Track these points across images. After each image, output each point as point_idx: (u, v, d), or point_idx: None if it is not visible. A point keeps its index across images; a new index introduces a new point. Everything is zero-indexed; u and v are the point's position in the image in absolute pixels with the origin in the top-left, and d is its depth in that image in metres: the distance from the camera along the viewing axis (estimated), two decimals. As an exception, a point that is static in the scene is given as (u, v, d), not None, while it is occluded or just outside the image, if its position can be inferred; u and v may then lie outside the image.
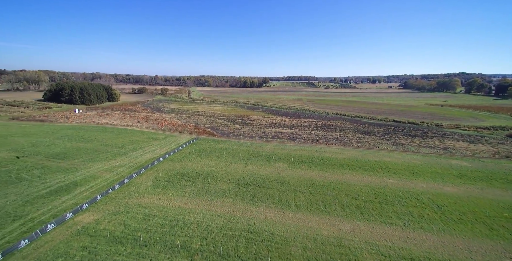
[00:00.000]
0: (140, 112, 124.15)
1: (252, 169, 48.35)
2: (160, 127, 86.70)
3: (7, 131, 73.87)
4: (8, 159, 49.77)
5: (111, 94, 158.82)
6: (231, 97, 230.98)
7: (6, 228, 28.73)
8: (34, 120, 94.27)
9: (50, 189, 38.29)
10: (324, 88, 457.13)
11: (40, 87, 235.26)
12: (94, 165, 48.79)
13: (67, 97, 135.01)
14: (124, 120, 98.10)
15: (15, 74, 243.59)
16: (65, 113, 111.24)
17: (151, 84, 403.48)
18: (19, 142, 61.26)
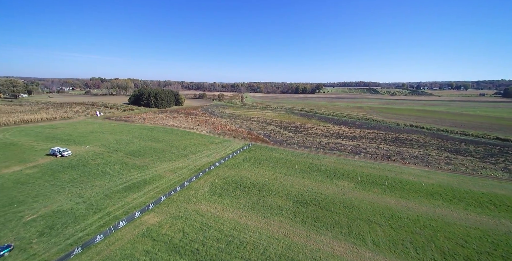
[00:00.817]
0: (200, 116, 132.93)
1: (310, 184, 42.87)
2: (217, 131, 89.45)
3: (101, 128, 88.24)
4: (99, 153, 57.97)
5: (178, 99, 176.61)
6: (282, 103, 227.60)
7: (88, 219, 31.55)
8: (120, 120, 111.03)
9: (125, 185, 41.69)
10: (389, 95, 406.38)
11: (127, 92, 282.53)
12: (161, 164, 52.01)
13: (145, 101, 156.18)
14: (186, 123, 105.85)
15: (110, 82, 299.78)
16: (142, 115, 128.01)
17: (209, 90, 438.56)
18: (108, 139, 71.68)
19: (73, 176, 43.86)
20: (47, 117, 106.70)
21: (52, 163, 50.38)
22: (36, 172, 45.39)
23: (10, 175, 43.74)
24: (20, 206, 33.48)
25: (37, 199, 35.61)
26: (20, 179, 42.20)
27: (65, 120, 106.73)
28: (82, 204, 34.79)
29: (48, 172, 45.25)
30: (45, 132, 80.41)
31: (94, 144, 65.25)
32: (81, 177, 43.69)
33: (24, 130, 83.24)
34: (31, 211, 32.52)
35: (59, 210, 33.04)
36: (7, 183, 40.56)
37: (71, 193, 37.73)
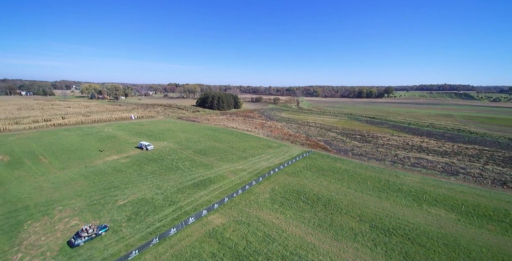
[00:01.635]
0: (256, 119, 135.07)
1: (390, 208, 35.51)
2: (274, 135, 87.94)
3: (175, 127, 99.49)
4: (173, 149, 64.49)
5: (237, 102, 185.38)
6: (343, 108, 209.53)
7: (165, 211, 34.06)
8: (190, 120, 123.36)
9: (194, 181, 44.12)
10: (490, 101, 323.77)
11: (195, 95, 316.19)
12: (223, 165, 53.53)
13: (209, 103, 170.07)
14: (244, 125, 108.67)
15: (183, 87, 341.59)
16: (207, 116, 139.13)
17: (265, 94, 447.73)
18: (180, 137, 79.74)
19: (154, 168, 49.44)
20: (137, 115, 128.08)
21: (139, 155, 58.53)
22: (128, 162, 53.37)
23: (111, 162, 52.70)
24: (116, 191, 39.20)
25: (127, 186, 41.15)
26: (117, 166, 50.21)
27: (149, 118, 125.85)
28: (160, 195, 38.16)
29: (136, 163, 52.52)
30: (135, 128, 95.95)
31: (170, 141, 73.33)
32: (160, 170, 48.79)
33: (121, 125, 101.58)
34: (123, 196, 37.55)
35: (143, 198, 37.04)
36: (108, 169, 48.75)
37: (152, 184, 42.17)
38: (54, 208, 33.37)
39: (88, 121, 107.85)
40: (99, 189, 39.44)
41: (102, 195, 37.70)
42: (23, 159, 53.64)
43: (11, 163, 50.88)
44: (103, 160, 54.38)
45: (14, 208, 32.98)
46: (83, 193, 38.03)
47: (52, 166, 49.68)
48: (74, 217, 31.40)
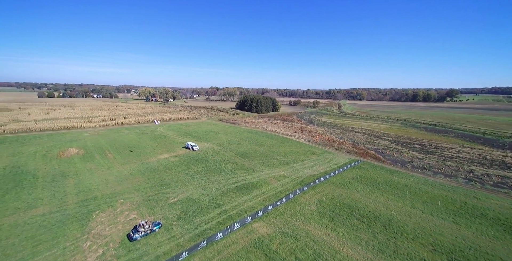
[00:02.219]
0: (295, 122, 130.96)
1: (474, 238, 28.62)
2: (315, 141, 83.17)
3: (217, 129, 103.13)
4: (216, 150, 66.19)
5: (275, 105, 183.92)
6: (394, 113, 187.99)
7: (210, 213, 34.14)
8: (230, 122, 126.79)
9: (237, 185, 43.76)
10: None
11: (234, 98, 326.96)
12: (265, 169, 52.17)
13: (248, 106, 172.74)
14: (284, 129, 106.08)
15: (223, 90, 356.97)
16: (246, 119, 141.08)
17: (303, 97, 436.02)
18: (222, 139, 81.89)
19: (199, 169, 51.08)
20: (183, 117, 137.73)
21: (187, 154, 61.60)
22: (177, 161, 56.51)
23: (163, 160, 56.55)
24: (167, 188, 41.33)
25: (177, 184, 43.08)
26: (168, 165, 53.51)
27: (194, 120, 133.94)
28: (206, 197, 38.68)
29: (184, 162, 55.21)
30: (182, 128, 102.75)
31: (213, 142, 75.77)
32: (205, 171, 50.10)
33: (170, 126, 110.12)
34: (173, 194, 39.26)
35: (191, 198, 38.06)
36: (160, 167, 52.25)
37: (198, 184, 43.29)
38: (117, 200, 36.67)
39: (144, 121, 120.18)
40: (153, 186, 42.16)
41: (156, 191, 40.10)
42: (93, 153, 61.70)
43: (85, 156, 58.93)
44: (156, 158, 58.77)
45: (86, 198, 37.35)
46: (140, 188, 41.14)
47: (116, 161, 55.73)
48: (133, 211, 33.82)
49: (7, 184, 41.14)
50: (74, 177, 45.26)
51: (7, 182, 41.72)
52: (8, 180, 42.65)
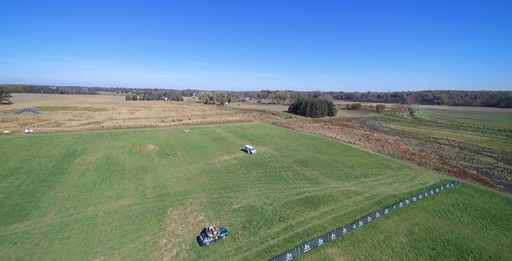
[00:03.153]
0: (357, 129, 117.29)
1: None
2: (387, 152, 71.08)
3: (272, 133, 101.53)
4: (274, 156, 63.85)
5: (331, 109, 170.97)
6: (493, 122, 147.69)
7: (276, 226, 31.33)
8: (283, 126, 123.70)
9: (300, 197, 39.83)
10: None
11: (285, 102, 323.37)
12: (330, 182, 46.44)
13: (302, 110, 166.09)
14: (344, 136, 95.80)
15: (274, 93, 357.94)
16: (299, 123, 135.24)
17: (361, 100, 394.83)
18: (278, 143, 79.35)
19: (259, 174, 49.48)
20: (239, 119, 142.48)
21: (245, 158, 61.43)
22: (237, 163, 56.72)
23: (223, 162, 57.72)
24: (230, 192, 40.95)
25: (239, 189, 42.34)
26: (229, 167, 54.09)
27: (248, 122, 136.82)
28: (269, 206, 36.26)
29: (243, 166, 54.85)
30: (238, 130, 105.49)
31: (269, 146, 73.96)
32: (265, 177, 48.13)
33: (227, 127, 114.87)
34: (236, 199, 38.43)
35: (253, 206, 36.31)
36: (222, 169, 53.18)
37: (260, 191, 41.42)
38: (187, 199, 38.16)
39: (205, 122, 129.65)
40: (217, 188, 42.56)
41: (220, 194, 40.17)
42: (166, 150, 68.41)
43: (159, 153, 65.77)
44: (218, 159, 60.60)
45: (161, 193, 40.30)
46: (206, 189, 42.11)
47: (184, 159, 59.99)
48: (201, 212, 34.24)
49: (104, 173, 48.74)
50: (152, 172, 50.31)
51: (103, 172, 49.51)
52: (105, 170, 50.62)
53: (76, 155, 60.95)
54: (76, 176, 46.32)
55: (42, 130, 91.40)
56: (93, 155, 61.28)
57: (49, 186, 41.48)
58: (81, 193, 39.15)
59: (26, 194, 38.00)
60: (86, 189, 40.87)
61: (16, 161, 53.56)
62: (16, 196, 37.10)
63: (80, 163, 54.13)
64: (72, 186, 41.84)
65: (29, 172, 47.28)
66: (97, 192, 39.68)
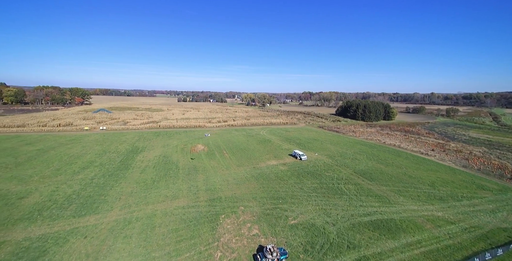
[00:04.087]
0: (425, 136, 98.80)
1: None
2: (476, 167, 56.11)
3: (320, 137, 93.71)
4: (328, 164, 57.12)
5: (388, 112, 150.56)
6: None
7: (345, 255, 25.68)
8: (332, 130, 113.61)
9: (371, 218, 32.95)
10: None
11: (329, 104, 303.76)
12: (406, 202, 37.74)
13: (352, 113, 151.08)
14: (410, 144, 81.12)
15: (318, 95, 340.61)
16: (350, 127, 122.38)
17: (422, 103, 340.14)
18: (330, 149, 71.75)
19: (314, 185, 44.02)
20: (282, 121, 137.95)
21: (295, 164, 56.61)
22: (286, 170, 52.40)
23: (272, 168, 54.13)
24: (283, 204, 36.86)
25: (293, 200, 37.89)
26: (278, 174, 50.18)
27: (292, 125, 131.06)
28: (332, 227, 30.73)
29: (294, 173, 50.15)
30: (283, 133, 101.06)
31: (321, 153, 67.19)
32: (321, 189, 42.42)
33: (271, 130, 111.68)
34: (292, 213, 34.11)
35: (313, 224, 31.34)
36: (271, 175, 49.63)
37: (318, 206, 36.09)
38: (238, 206, 35.75)
39: (248, 124, 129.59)
40: (269, 197, 39.04)
41: (273, 205, 36.50)
42: (214, 151, 68.97)
43: (208, 153, 66.53)
44: (265, 163, 57.45)
45: (213, 197, 38.99)
46: (257, 197, 39.09)
47: (232, 161, 58.86)
48: (254, 225, 31.14)
49: (161, 171, 50.88)
50: (202, 173, 50.29)
51: (160, 170, 51.76)
52: (161, 168, 52.97)
53: (138, 151, 66.44)
54: (137, 173, 49.45)
55: (112, 127, 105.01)
56: (151, 152, 65.80)
57: (116, 180, 44.95)
58: (142, 190, 40.90)
59: (97, 187, 41.68)
60: (146, 186, 42.70)
61: (92, 155, 61.12)
62: (89, 188, 40.97)
63: (141, 160, 58.31)
64: (134, 182, 44.40)
65: (101, 166, 52.81)
66: (155, 190, 40.89)
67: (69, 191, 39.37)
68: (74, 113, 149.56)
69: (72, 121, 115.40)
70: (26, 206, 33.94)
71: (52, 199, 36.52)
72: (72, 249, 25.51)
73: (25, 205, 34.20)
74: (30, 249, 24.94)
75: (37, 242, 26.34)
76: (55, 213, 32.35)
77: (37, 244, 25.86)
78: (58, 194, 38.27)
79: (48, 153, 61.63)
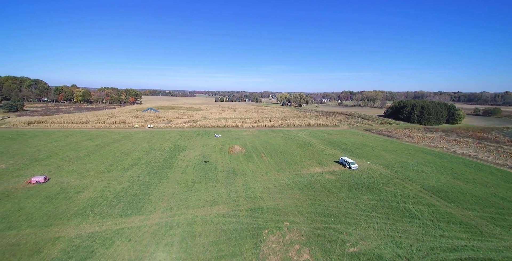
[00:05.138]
0: (506, 145, 78.72)
1: None
2: None
3: (370, 142, 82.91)
4: (385, 175, 48.52)
5: (453, 114, 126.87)
6: None
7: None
8: (382, 134, 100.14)
9: (460, 256, 24.82)
10: None
11: (374, 104, 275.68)
12: (507, 236, 28.06)
13: (406, 114, 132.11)
14: (490, 155, 64.84)
15: (361, 94, 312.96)
16: (405, 131, 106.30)
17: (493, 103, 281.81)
18: (385, 157, 61.85)
19: (372, 202, 36.92)
20: (322, 123, 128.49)
21: (344, 173, 49.64)
22: (334, 180, 46.01)
23: (317, 176, 48.35)
24: (337, 224, 31.19)
25: (348, 220, 31.86)
26: (325, 184, 44.21)
27: (333, 127, 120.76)
28: (406, 263, 24.06)
29: (345, 185, 43.50)
30: (324, 136, 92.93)
31: (374, 161, 58.21)
32: (382, 208, 35.18)
33: (311, 132, 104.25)
34: (349, 237, 28.29)
35: (380, 256, 25.03)
36: (317, 184, 43.96)
37: (382, 231, 29.40)
38: (283, 221, 31.53)
39: (285, 125, 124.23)
40: (318, 212, 33.78)
41: (323, 223, 31.20)
42: (252, 153, 66.17)
43: (246, 155, 64.00)
44: (308, 170, 51.94)
45: (253, 206, 35.62)
46: (303, 211, 34.25)
47: (271, 166, 55.00)
48: (304, 248, 26.49)
49: (200, 172, 50.07)
50: (241, 177, 47.65)
51: (200, 171, 51.01)
52: (201, 169, 52.27)
53: (180, 150, 68.02)
54: (179, 172, 49.54)
55: (158, 125, 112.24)
56: (192, 152, 66.55)
57: (159, 179, 45.50)
58: (183, 192, 40.11)
59: (143, 185, 42.52)
60: (186, 187, 41.93)
61: (139, 152, 64.62)
62: (136, 186, 42.00)
63: (182, 159, 59.01)
64: (176, 182, 44.19)
65: (147, 164, 54.86)
66: (195, 193, 39.65)
67: (118, 188, 40.91)
68: (127, 112, 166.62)
69: (125, 119, 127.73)
70: (81, 201, 35.97)
71: (103, 195, 38.17)
72: (116, 253, 24.97)
73: (80, 199, 36.30)
74: (80, 249, 25.22)
75: (86, 240, 26.72)
76: (104, 211, 33.26)
77: (86, 243, 26.14)
78: (108, 190, 40.03)
79: (104, 149, 67.56)
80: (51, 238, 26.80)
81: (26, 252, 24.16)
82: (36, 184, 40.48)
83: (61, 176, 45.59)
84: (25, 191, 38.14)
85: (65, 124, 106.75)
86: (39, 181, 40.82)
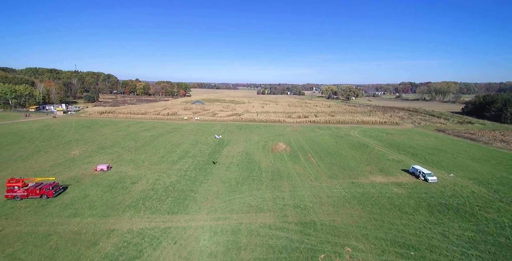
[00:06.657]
0: None
1: None
2: None
3: (448, 147, 66.97)
4: (483, 196, 36.60)
5: None
6: None
7: None
8: (461, 136, 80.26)
9: None
10: None
11: (444, 98, 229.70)
12: None
13: (495, 112, 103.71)
14: None
15: (426, 86, 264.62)
16: (494, 134, 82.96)
17: None
18: (474, 169, 47.74)
19: (467, 233, 27.49)
20: (379, 120, 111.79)
21: (418, 187, 39.81)
22: (406, 195, 37.08)
23: (380, 188, 39.99)
24: (418, 260, 23.88)
25: (435, 257, 23.93)
26: (394, 199, 35.87)
27: (393, 125, 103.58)
28: None
29: (422, 204, 34.33)
30: (384, 137, 79.70)
31: (460, 174, 45.56)
32: (485, 244, 25.61)
33: (365, 131, 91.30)
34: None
35: None
36: (382, 200, 35.95)
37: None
38: (343, 246, 25.89)
39: (334, 121, 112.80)
40: (388, 240, 26.73)
41: (399, 257, 24.08)
42: (297, 153, 60.57)
43: (291, 155, 58.80)
44: (368, 179, 43.72)
45: (304, 220, 30.80)
46: (368, 235, 27.71)
47: (321, 169, 48.66)
48: (375, 289, 20.66)
49: (244, 171, 47.57)
50: (287, 180, 43.18)
51: (243, 169, 48.55)
52: (244, 167, 49.78)
53: (223, 144, 67.51)
54: (223, 169, 48.16)
55: (204, 118, 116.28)
56: (235, 147, 65.11)
57: (204, 175, 44.85)
58: (227, 192, 38.15)
59: (189, 180, 42.37)
60: (230, 187, 39.89)
61: (187, 145, 66.54)
62: (183, 181, 42.09)
63: (226, 155, 57.90)
64: (220, 180, 42.72)
65: (193, 157, 55.53)
66: (239, 195, 37.16)
67: (168, 182, 41.64)
68: (178, 104, 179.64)
69: (176, 110, 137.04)
70: (135, 192, 37.52)
71: (154, 188, 39.19)
72: (162, 256, 24.02)
73: (135, 191, 37.94)
74: (130, 246, 25.23)
75: (137, 237, 26.78)
76: (154, 205, 33.64)
77: (136, 241, 26.11)
78: (159, 183, 41.07)
79: (157, 140, 72.22)
80: (107, 230, 27.83)
81: (85, 243, 25.35)
82: (101, 172, 44.56)
83: (121, 165, 49.51)
84: (91, 178, 42.25)
85: (128, 115, 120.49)
86: (103, 169, 44.83)
